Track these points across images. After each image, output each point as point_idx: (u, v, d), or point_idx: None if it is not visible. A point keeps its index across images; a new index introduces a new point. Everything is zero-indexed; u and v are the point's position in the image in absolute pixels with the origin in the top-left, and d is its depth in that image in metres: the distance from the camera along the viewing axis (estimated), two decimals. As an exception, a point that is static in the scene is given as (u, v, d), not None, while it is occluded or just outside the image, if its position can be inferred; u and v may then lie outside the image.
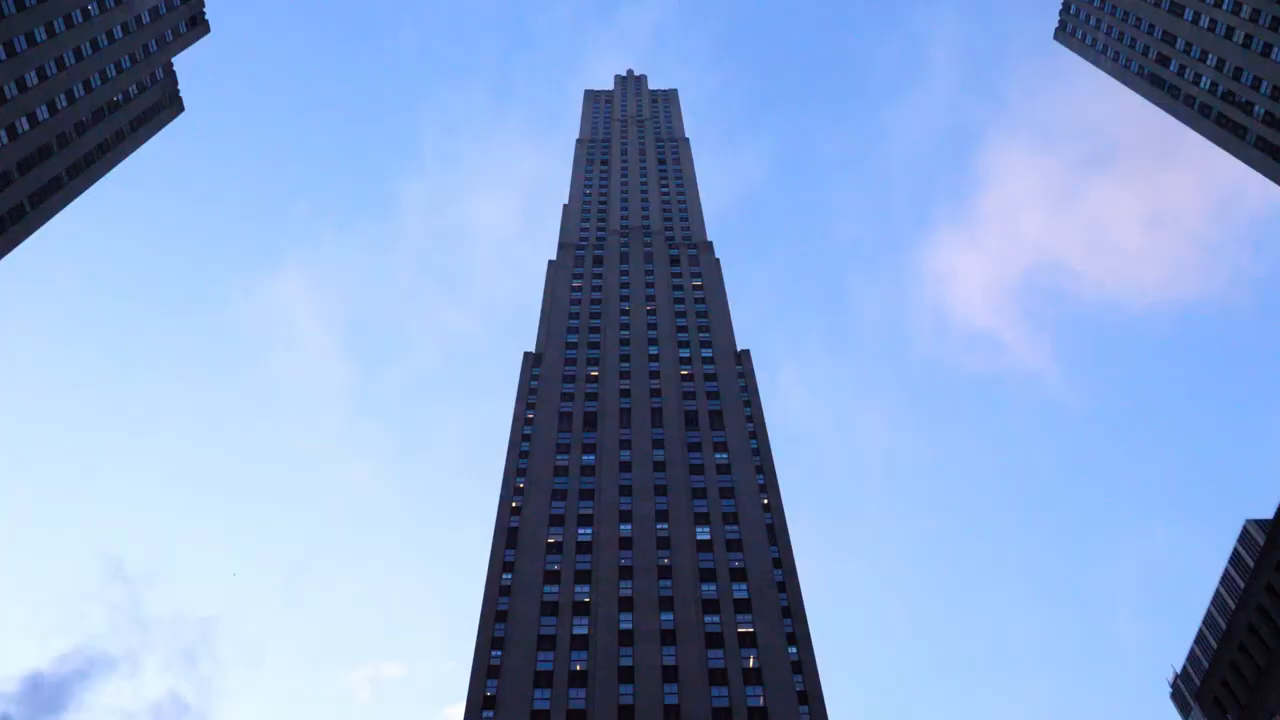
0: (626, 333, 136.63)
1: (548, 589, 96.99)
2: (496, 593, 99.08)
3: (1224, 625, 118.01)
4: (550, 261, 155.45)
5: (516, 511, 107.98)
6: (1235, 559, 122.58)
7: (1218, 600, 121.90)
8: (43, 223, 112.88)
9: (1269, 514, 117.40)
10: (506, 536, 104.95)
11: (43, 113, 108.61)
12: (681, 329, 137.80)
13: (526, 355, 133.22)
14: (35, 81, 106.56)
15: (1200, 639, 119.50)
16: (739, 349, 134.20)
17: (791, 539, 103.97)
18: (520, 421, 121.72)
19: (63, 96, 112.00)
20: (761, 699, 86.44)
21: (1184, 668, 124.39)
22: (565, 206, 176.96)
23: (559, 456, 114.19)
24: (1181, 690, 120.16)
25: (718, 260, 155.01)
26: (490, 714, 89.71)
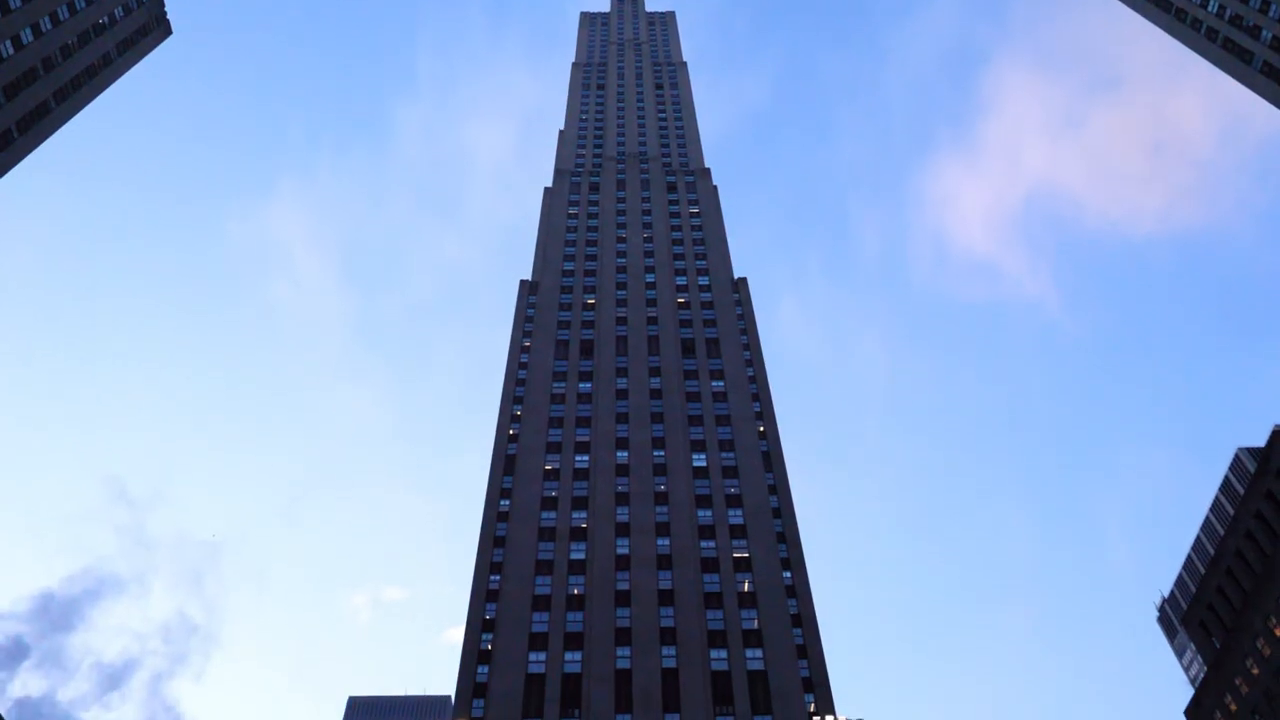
0: (623, 260, 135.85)
1: (545, 515, 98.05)
2: (495, 518, 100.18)
3: (1212, 551, 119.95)
4: (546, 189, 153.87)
5: (514, 439, 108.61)
6: (1226, 487, 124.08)
7: (1207, 527, 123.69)
8: (31, 149, 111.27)
9: (1262, 442, 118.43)
10: (504, 464, 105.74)
11: (27, 35, 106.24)
12: (679, 257, 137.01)
13: (523, 283, 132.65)
14: (19, 4, 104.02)
15: (1189, 564, 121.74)
16: (736, 277, 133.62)
17: (787, 466, 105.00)
18: (517, 349, 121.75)
19: (47, 19, 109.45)
20: (756, 622, 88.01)
21: (1171, 592, 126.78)
22: (561, 132, 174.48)
23: (555, 384, 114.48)
24: (1168, 614, 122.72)
25: (715, 187, 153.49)
26: (489, 636, 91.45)
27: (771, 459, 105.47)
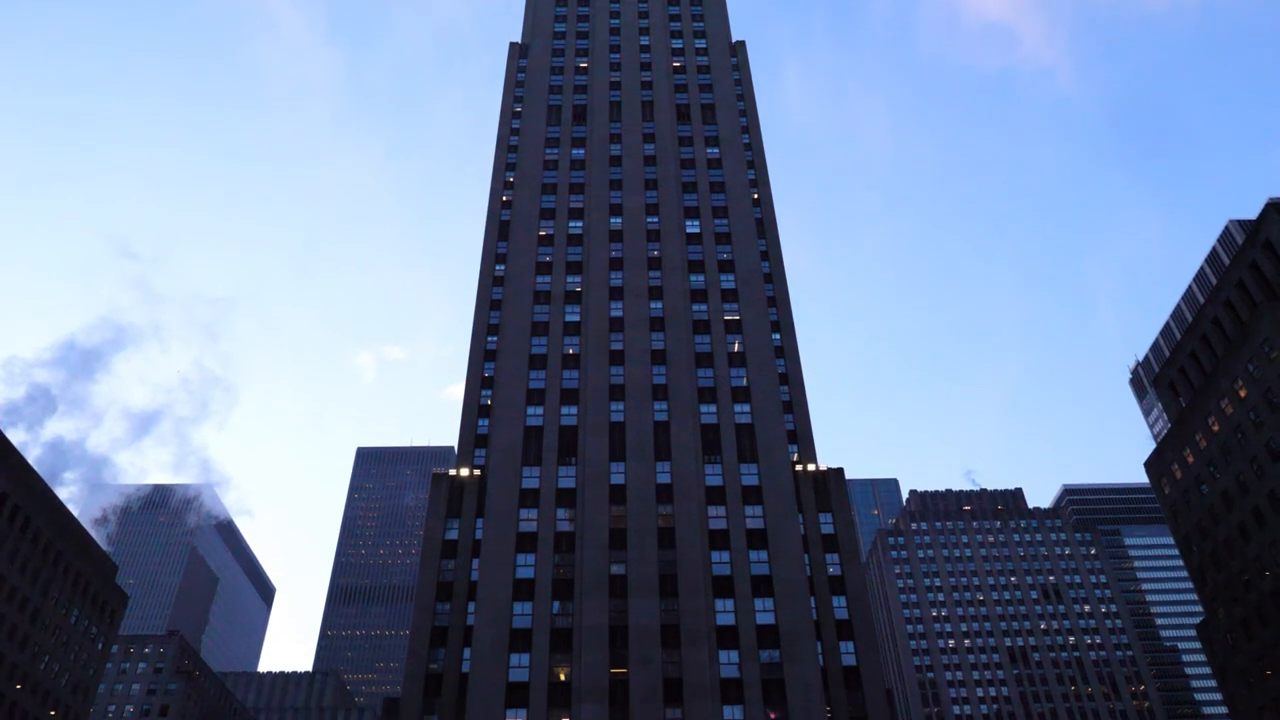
0: (617, 21, 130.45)
1: (540, 279, 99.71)
2: (491, 282, 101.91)
3: (1190, 318, 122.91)
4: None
5: (507, 205, 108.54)
6: (1212, 257, 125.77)
7: (1189, 295, 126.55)
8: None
9: (1254, 215, 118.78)
10: (498, 229, 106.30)
11: None
12: (674, 18, 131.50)
13: (513, 46, 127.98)
14: None
15: (1166, 331, 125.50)
16: (734, 40, 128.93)
17: (781, 233, 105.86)
18: (508, 115, 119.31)
19: None
20: (745, 379, 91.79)
21: (1146, 356, 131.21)
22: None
23: (548, 150, 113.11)
24: (1140, 376, 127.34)
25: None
26: (489, 393, 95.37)
27: (765, 226, 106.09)
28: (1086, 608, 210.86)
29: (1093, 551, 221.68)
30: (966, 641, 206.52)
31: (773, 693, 74.14)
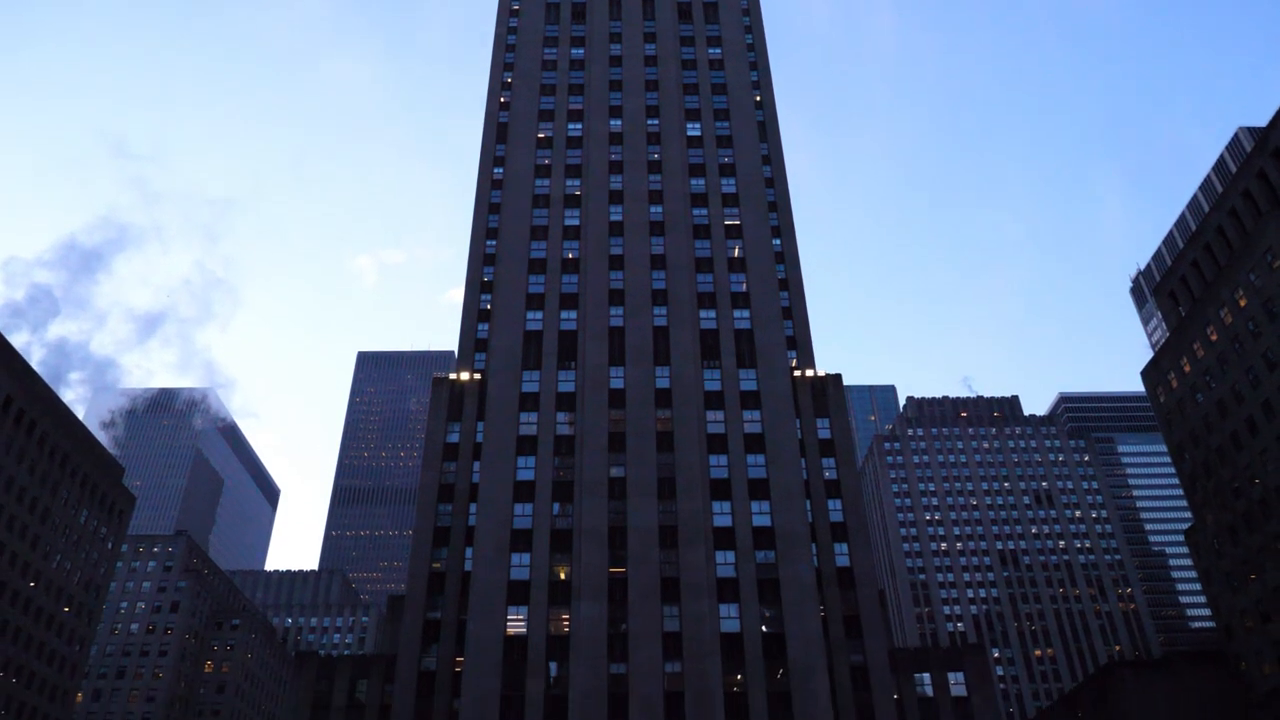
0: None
1: (539, 182, 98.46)
2: (490, 185, 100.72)
3: (1194, 227, 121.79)
4: None
5: (505, 106, 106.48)
6: (1220, 165, 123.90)
7: (1194, 204, 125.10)
8: None
9: (1264, 123, 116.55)
10: (497, 131, 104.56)
11: None
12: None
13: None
14: None
15: (1169, 239, 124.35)
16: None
17: (783, 136, 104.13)
18: (505, 12, 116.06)
19: None
20: (744, 285, 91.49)
21: (1149, 265, 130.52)
22: None
23: (547, 50, 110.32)
24: (1141, 285, 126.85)
25: None
26: (488, 297, 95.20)
27: (767, 129, 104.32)
28: (1078, 513, 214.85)
29: (1086, 458, 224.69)
30: (959, 545, 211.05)
31: (768, 592, 76.02)
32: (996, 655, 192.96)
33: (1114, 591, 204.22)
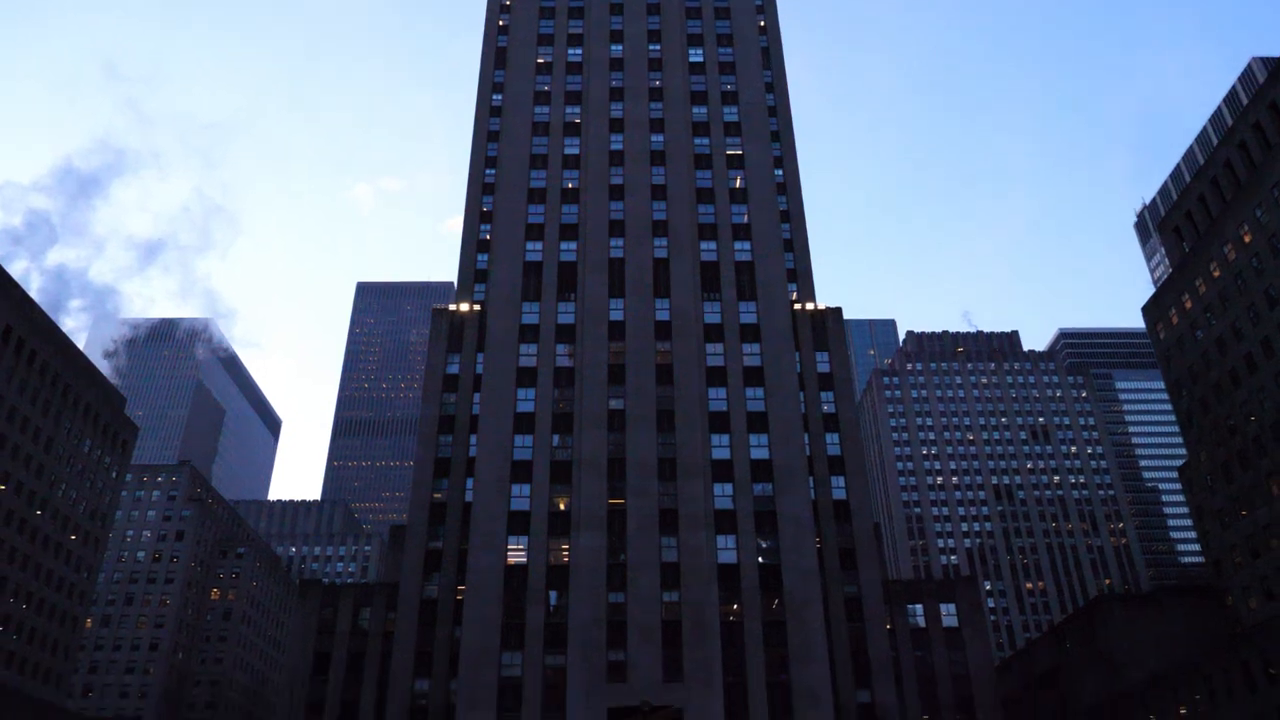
0: None
1: (539, 109, 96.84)
2: (488, 112, 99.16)
3: (1202, 160, 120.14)
4: None
5: (504, 30, 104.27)
6: (1231, 97, 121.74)
7: (1203, 137, 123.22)
8: None
9: (1279, 53, 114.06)
10: (495, 56, 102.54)
11: None
12: None
13: None
14: None
15: (1176, 173, 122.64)
16: None
17: (788, 63, 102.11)
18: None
19: None
20: (746, 217, 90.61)
21: (1154, 199, 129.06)
22: None
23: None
24: (1146, 219, 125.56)
25: None
26: (488, 227, 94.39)
27: (770, 55, 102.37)
28: (1073, 448, 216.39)
29: (1083, 394, 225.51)
30: (954, 479, 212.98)
31: (764, 524, 76.85)
32: (988, 588, 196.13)
33: (1106, 527, 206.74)
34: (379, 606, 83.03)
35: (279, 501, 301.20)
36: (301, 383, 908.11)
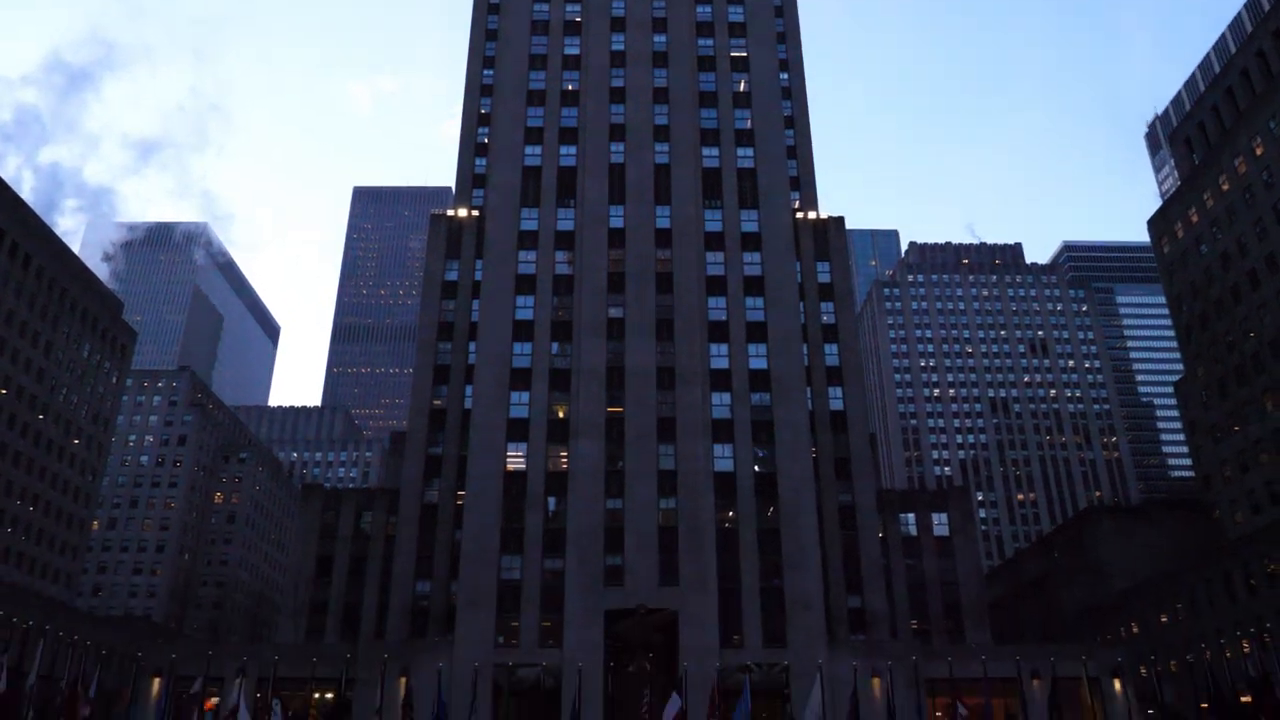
0: None
1: (538, 7, 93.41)
2: (486, 9, 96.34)
3: (1218, 69, 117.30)
4: None
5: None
6: (1252, 2, 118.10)
7: (1220, 45, 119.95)
8: None
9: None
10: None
11: None
12: None
13: None
14: None
15: (1190, 83, 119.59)
16: None
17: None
18: None
19: None
20: (749, 121, 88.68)
21: (1166, 109, 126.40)
22: None
23: None
24: (1157, 131, 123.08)
25: None
26: (485, 130, 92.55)
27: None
28: (1071, 362, 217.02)
29: (1084, 308, 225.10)
30: (951, 391, 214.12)
31: (761, 433, 77.36)
32: (981, 499, 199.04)
33: (1100, 440, 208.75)
34: (380, 511, 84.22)
35: (279, 407, 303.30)
36: (299, 288, 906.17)
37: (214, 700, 58.59)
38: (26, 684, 53.23)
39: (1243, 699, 62.54)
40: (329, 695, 64.02)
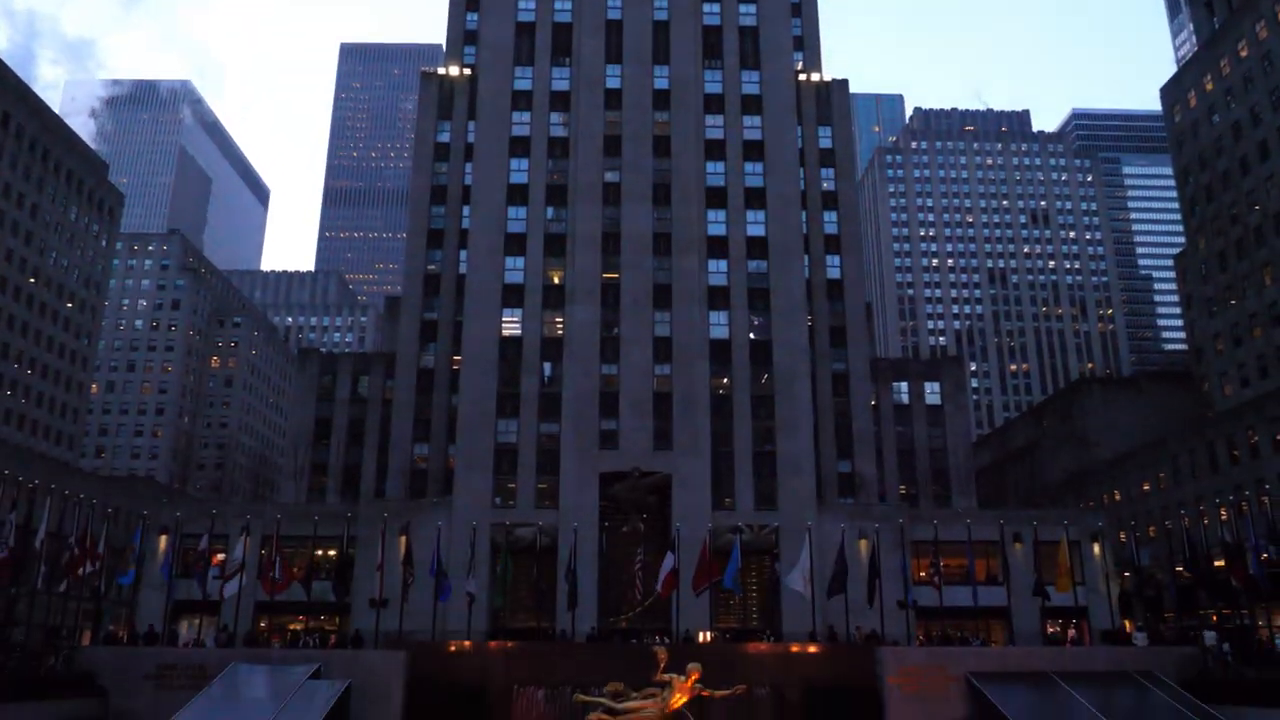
0: None
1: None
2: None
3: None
4: None
5: None
6: None
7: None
8: None
9: None
10: None
11: None
12: None
13: None
14: None
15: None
16: None
17: None
18: None
19: None
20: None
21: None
22: None
23: None
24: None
25: None
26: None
27: None
28: (1071, 233, 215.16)
29: (1088, 178, 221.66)
30: (949, 261, 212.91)
31: (757, 300, 77.10)
32: (974, 368, 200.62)
33: (1095, 312, 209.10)
34: (377, 375, 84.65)
35: (272, 272, 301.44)
36: (289, 150, 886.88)
37: (220, 556, 60.19)
38: (35, 540, 54.45)
39: (1216, 563, 64.52)
40: (331, 553, 65.80)
